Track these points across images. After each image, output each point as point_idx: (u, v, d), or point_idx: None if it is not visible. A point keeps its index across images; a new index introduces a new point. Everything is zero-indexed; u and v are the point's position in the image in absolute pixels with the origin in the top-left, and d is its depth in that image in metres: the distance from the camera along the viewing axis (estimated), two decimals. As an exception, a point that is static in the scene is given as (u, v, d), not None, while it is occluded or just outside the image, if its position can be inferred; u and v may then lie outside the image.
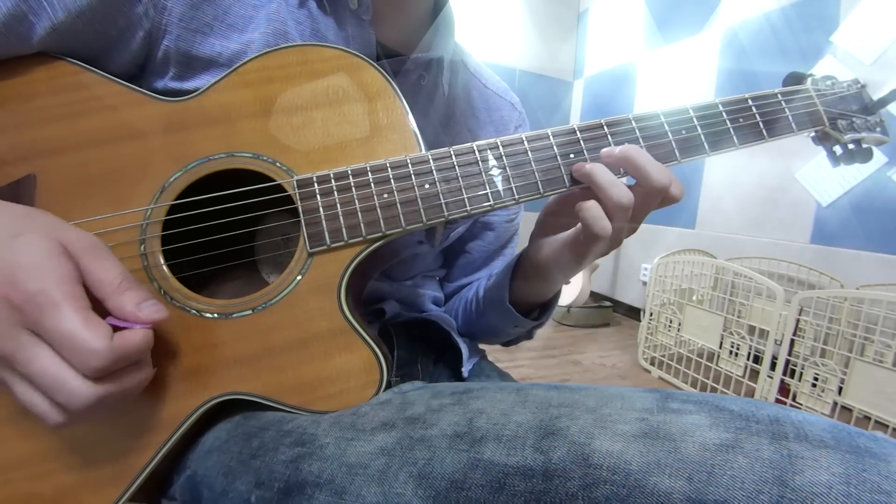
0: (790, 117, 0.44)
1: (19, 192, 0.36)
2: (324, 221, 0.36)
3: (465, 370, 0.53)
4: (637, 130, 0.40)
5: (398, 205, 0.37)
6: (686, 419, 0.24)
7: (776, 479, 0.20)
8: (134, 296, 0.29)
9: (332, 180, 0.37)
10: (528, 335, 0.57)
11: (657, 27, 2.61)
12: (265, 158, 0.37)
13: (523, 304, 0.50)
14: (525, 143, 0.39)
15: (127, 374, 0.29)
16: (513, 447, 0.25)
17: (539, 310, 0.52)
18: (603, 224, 0.37)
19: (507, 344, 0.60)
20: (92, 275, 0.28)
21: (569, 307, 2.53)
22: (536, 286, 0.49)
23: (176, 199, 0.37)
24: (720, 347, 1.63)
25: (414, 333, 0.54)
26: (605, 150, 0.38)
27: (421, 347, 0.54)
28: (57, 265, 0.27)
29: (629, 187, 0.38)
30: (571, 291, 2.57)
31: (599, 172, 0.37)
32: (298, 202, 0.36)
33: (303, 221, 0.36)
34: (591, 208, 0.37)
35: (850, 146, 0.48)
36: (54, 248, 0.28)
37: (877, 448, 0.21)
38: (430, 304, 0.58)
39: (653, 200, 0.38)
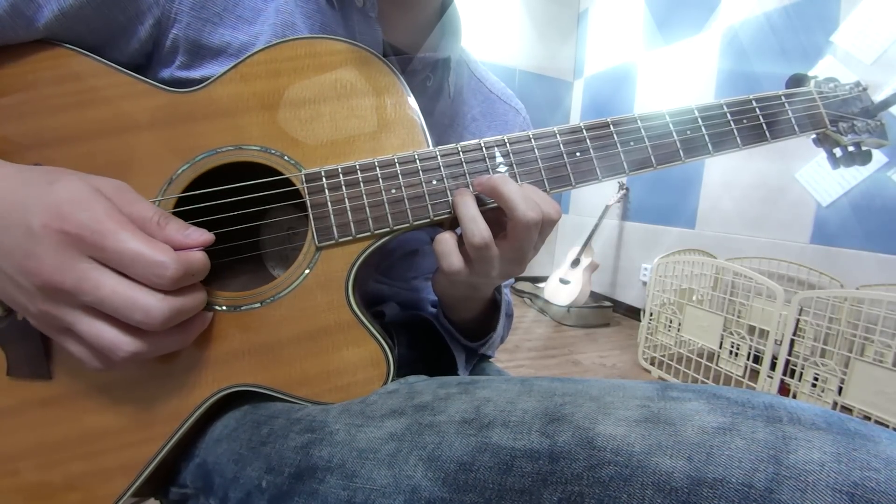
0: (793, 119, 0.44)
1: None
2: (332, 216, 0.36)
3: (461, 373, 0.53)
4: (642, 130, 0.40)
5: (406, 200, 0.37)
6: (685, 405, 0.24)
7: (771, 457, 0.21)
8: (176, 226, 0.31)
9: (341, 175, 0.37)
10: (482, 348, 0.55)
11: (657, 27, 2.62)
12: (273, 152, 0.38)
13: (458, 324, 0.51)
14: (532, 140, 0.39)
15: (191, 291, 0.31)
16: (519, 432, 0.25)
17: (481, 331, 0.51)
18: (450, 261, 0.36)
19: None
20: (129, 213, 0.30)
21: (569, 307, 2.54)
22: (452, 311, 0.49)
23: (183, 192, 0.37)
24: (720, 347, 1.64)
25: (415, 332, 0.54)
26: (479, 178, 0.37)
27: (421, 346, 0.54)
28: (100, 200, 0.28)
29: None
30: (571, 291, 2.57)
31: (463, 204, 0.36)
32: (307, 196, 0.37)
33: (311, 215, 0.36)
34: (441, 241, 0.37)
35: (850, 148, 0.48)
36: (91, 188, 0.29)
37: (866, 430, 0.22)
38: (430, 308, 0.58)
39: (525, 235, 0.35)
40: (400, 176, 0.37)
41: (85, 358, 0.29)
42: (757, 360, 1.55)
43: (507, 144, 0.39)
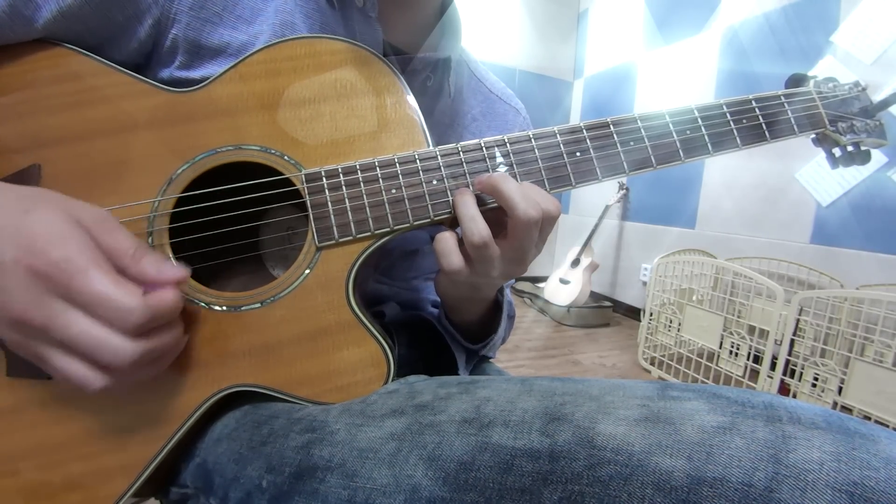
0: (792, 119, 0.44)
1: (24, 181, 0.36)
2: (332, 216, 0.36)
3: (462, 373, 0.53)
4: (642, 129, 0.40)
5: (406, 200, 0.37)
6: (685, 405, 0.24)
7: (770, 457, 0.21)
8: (152, 260, 0.30)
9: (341, 174, 0.37)
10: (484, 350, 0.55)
11: (657, 27, 2.62)
12: (273, 151, 0.38)
13: (459, 325, 0.50)
14: (532, 140, 0.39)
15: (163, 332, 0.30)
16: (520, 431, 0.25)
17: (482, 333, 0.51)
18: (449, 260, 0.36)
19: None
20: (106, 245, 0.29)
21: (569, 307, 2.53)
22: (453, 312, 0.49)
23: (183, 192, 0.37)
24: (720, 347, 1.64)
25: (415, 332, 0.54)
26: (479, 177, 0.37)
27: (422, 346, 0.54)
28: (74, 234, 0.28)
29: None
30: (571, 291, 2.57)
31: (462, 203, 0.36)
32: (307, 196, 0.37)
33: (311, 216, 0.36)
34: (442, 240, 0.37)
35: (849, 148, 0.48)
36: (68, 219, 0.28)
37: (865, 430, 0.22)
38: (431, 308, 0.58)
39: (525, 233, 0.35)
40: (400, 176, 0.37)
41: (62, 382, 0.29)
42: (757, 360, 1.55)
43: (507, 144, 0.39)
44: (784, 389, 1.47)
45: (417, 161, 0.38)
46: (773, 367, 1.47)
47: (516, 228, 0.35)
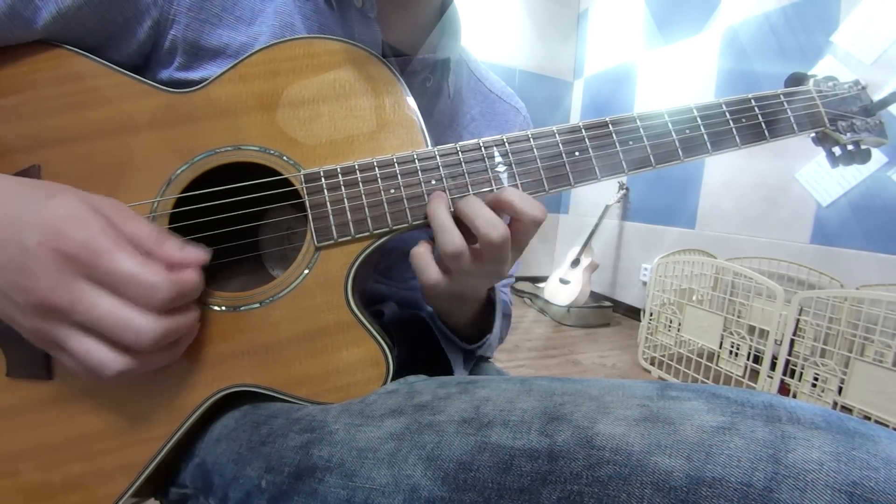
0: (792, 118, 0.44)
1: None
2: (331, 216, 0.36)
3: (461, 373, 0.53)
4: (641, 129, 0.40)
5: (405, 200, 0.37)
6: (684, 405, 0.24)
7: (770, 457, 0.21)
8: (174, 243, 0.31)
9: (340, 175, 0.37)
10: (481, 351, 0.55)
11: (657, 27, 2.62)
12: (272, 152, 0.38)
13: (453, 327, 0.51)
14: (531, 140, 0.39)
15: (182, 313, 0.31)
16: (519, 431, 0.25)
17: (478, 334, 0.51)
18: (427, 274, 0.37)
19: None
20: (127, 231, 0.30)
21: (569, 307, 2.53)
22: (445, 317, 0.49)
23: (182, 193, 0.37)
24: (720, 347, 1.64)
25: (414, 332, 0.54)
26: (456, 203, 0.37)
27: (421, 346, 0.54)
28: (96, 218, 0.28)
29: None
30: (571, 291, 2.57)
31: (434, 214, 0.36)
32: (306, 196, 0.37)
33: (310, 216, 0.36)
34: (417, 256, 0.37)
35: (850, 147, 0.48)
36: (87, 206, 0.29)
37: (865, 430, 0.22)
38: (430, 308, 0.58)
39: (492, 251, 0.35)
40: (399, 176, 0.37)
41: (76, 370, 0.29)
42: (757, 360, 1.55)
43: (506, 144, 0.39)
44: (784, 389, 1.46)
45: (416, 161, 0.38)
46: (773, 367, 1.47)
47: (483, 248, 0.35)
